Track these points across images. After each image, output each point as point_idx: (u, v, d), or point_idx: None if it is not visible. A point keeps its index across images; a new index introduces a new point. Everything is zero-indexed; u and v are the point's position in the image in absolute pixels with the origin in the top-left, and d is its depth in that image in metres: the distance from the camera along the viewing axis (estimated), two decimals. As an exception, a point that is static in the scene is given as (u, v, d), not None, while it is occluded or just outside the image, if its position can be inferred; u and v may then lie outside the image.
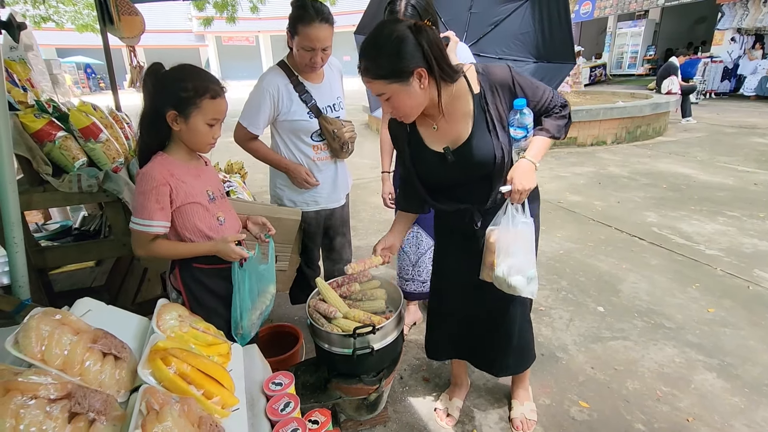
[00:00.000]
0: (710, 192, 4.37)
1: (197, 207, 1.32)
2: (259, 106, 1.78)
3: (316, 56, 1.72)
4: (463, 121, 1.26)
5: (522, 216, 1.26)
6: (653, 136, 7.20)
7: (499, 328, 1.53)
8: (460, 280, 1.52)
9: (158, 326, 1.07)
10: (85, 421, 0.73)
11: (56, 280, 2.24)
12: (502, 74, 1.25)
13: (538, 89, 1.29)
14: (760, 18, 11.07)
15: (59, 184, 1.80)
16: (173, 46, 27.65)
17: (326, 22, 1.66)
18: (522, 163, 1.24)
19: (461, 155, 1.27)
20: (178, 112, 1.23)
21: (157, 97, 1.25)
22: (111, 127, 2.13)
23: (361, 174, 5.62)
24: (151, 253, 1.29)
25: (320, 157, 1.91)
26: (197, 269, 1.37)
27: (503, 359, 1.59)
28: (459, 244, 1.48)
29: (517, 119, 1.24)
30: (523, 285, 1.26)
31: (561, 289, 2.71)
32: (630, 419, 1.72)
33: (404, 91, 1.15)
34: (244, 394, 1.06)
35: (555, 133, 1.28)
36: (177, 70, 1.26)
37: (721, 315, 2.38)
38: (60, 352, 0.83)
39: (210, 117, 1.26)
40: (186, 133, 1.27)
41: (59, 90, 3.44)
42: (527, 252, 1.27)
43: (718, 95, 11.74)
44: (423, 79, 1.14)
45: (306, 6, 1.63)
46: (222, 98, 1.28)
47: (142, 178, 1.24)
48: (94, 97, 13.38)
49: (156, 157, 1.29)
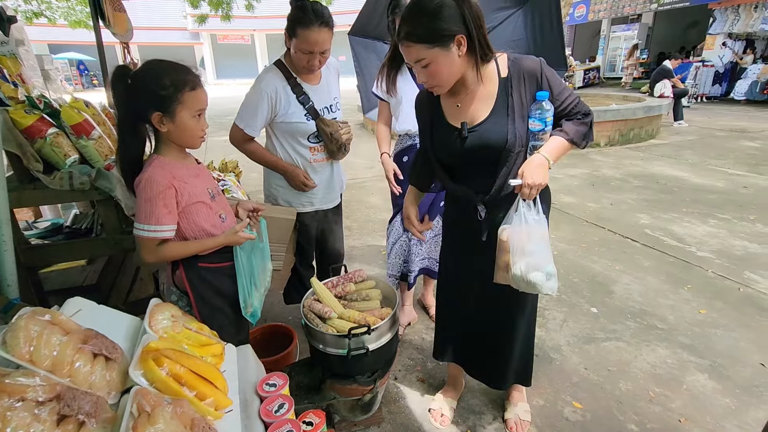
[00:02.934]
0: (701, 194, 4.42)
1: (201, 206, 1.31)
2: (257, 107, 1.75)
3: (314, 59, 1.70)
4: (485, 102, 1.27)
5: (534, 213, 1.23)
6: (646, 139, 7.27)
7: (503, 336, 1.53)
8: (467, 279, 1.52)
9: (150, 326, 1.06)
10: (74, 423, 0.72)
11: (47, 279, 2.21)
12: (532, 65, 1.26)
13: (564, 90, 1.28)
14: (750, 23, 11.23)
15: (50, 182, 1.77)
16: (168, 43, 27.38)
17: (326, 25, 1.63)
18: (535, 158, 1.23)
19: (475, 133, 1.28)
20: (163, 113, 1.19)
21: (134, 103, 1.20)
22: (104, 124, 2.10)
23: (356, 174, 5.62)
24: (162, 257, 1.27)
25: (317, 159, 1.90)
26: (204, 269, 1.36)
27: (503, 371, 1.59)
28: (465, 241, 1.48)
29: (537, 111, 1.23)
30: (542, 281, 1.23)
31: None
32: (623, 420, 1.73)
33: (444, 57, 1.14)
34: (237, 395, 1.05)
35: (573, 137, 1.27)
36: (147, 69, 1.21)
37: (712, 316, 2.40)
38: (49, 353, 0.81)
39: (195, 109, 1.23)
40: (175, 132, 1.24)
41: (51, 86, 3.39)
42: (543, 248, 1.24)
43: (709, 99, 11.89)
44: (462, 47, 1.15)
45: (305, 8, 1.60)
46: (201, 88, 1.24)
47: (146, 184, 1.20)
48: (87, 94, 13.22)
49: (153, 162, 1.25)
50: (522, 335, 1.54)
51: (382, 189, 4.89)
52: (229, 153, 4.38)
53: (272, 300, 2.60)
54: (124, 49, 3.91)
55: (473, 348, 1.62)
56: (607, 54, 17.22)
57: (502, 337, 1.53)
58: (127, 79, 1.20)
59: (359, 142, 7.81)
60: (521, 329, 1.52)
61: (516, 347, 1.54)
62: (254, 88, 1.77)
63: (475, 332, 1.59)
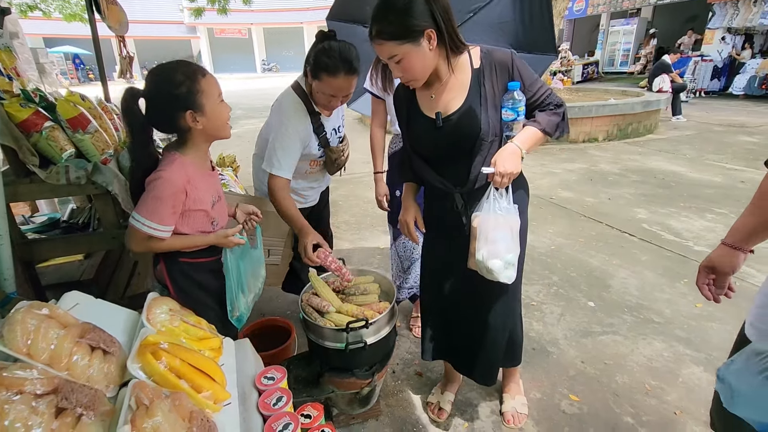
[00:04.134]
0: (699, 189, 4.43)
1: (200, 213, 1.31)
2: (294, 152, 1.66)
3: (336, 102, 1.64)
4: (459, 92, 1.29)
5: (505, 202, 1.25)
6: (644, 134, 7.27)
7: (484, 328, 1.51)
8: (447, 272, 1.52)
9: (148, 320, 1.06)
10: (72, 416, 0.72)
11: (44, 274, 2.20)
12: (503, 56, 1.28)
13: (536, 81, 1.30)
14: (750, 18, 11.20)
15: (46, 176, 1.76)
16: (164, 37, 27.08)
17: (354, 73, 1.55)
18: (507, 147, 1.25)
19: (450, 123, 1.30)
20: (193, 109, 1.19)
21: (159, 116, 1.21)
22: (100, 118, 2.09)
23: (353, 169, 5.58)
24: (149, 248, 1.27)
25: (312, 171, 1.88)
26: (185, 264, 1.36)
27: (488, 365, 1.57)
28: (445, 235, 1.48)
29: (509, 101, 1.25)
30: (500, 269, 1.25)
31: (552, 285, 2.73)
32: (619, 412, 1.75)
33: (415, 52, 1.17)
34: (236, 388, 1.05)
35: (546, 127, 1.29)
36: (156, 78, 1.20)
37: (708, 310, 2.42)
38: (46, 346, 0.81)
39: (216, 93, 1.23)
40: (209, 123, 1.23)
41: (46, 79, 3.36)
42: (508, 238, 1.26)
43: (707, 94, 11.87)
44: (432, 40, 1.17)
45: (332, 53, 1.51)
46: (209, 74, 1.24)
47: (162, 183, 1.19)
48: (83, 88, 13.11)
49: (174, 160, 1.23)
50: (503, 325, 1.51)
51: (380, 184, 4.88)
52: (227, 147, 4.36)
53: (270, 294, 2.60)
54: (120, 42, 3.87)
55: (457, 342, 1.61)
56: (606, 48, 17.15)
57: (483, 329, 1.51)
58: (140, 99, 1.19)
59: (356, 136, 7.78)
60: (501, 319, 1.50)
61: (498, 338, 1.52)
62: (287, 133, 1.64)
63: (457, 325, 1.58)
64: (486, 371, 1.58)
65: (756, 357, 0.82)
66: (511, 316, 1.55)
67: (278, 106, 1.73)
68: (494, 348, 1.53)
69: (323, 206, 2.16)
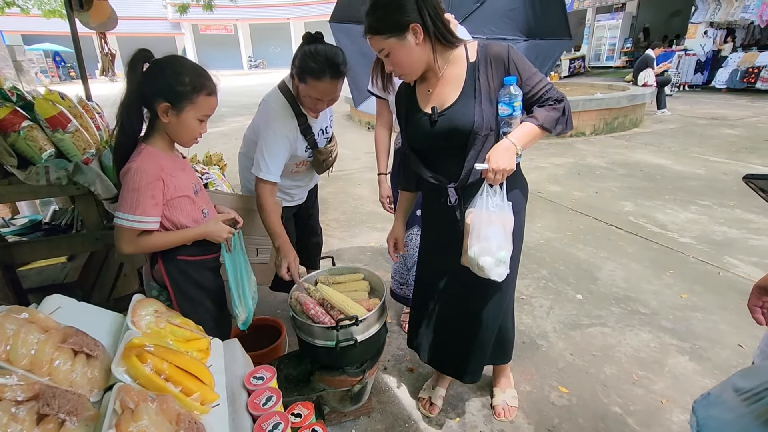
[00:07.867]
0: (683, 182, 4.50)
1: (185, 200, 1.29)
2: (281, 156, 1.64)
3: (322, 105, 1.62)
4: (454, 86, 1.29)
5: (498, 199, 1.24)
6: (630, 128, 7.36)
7: (473, 327, 1.50)
8: (441, 268, 1.52)
9: (133, 322, 1.04)
10: (55, 422, 0.70)
11: (26, 277, 2.15)
12: (499, 50, 1.27)
13: (534, 75, 1.27)
14: (731, 12, 11.39)
15: (26, 177, 1.72)
16: (147, 34, 26.62)
17: (339, 77, 1.53)
18: (502, 143, 1.23)
19: (445, 117, 1.29)
20: (171, 105, 1.19)
21: (148, 87, 1.20)
22: (81, 116, 2.04)
23: (343, 165, 5.57)
24: (141, 247, 1.25)
25: (298, 170, 1.87)
26: (183, 261, 1.34)
27: (473, 365, 1.57)
28: (440, 230, 1.48)
29: (505, 96, 1.23)
30: (491, 266, 1.24)
31: (541, 278, 2.75)
32: (607, 402, 1.78)
33: (400, 46, 1.19)
34: (224, 389, 1.04)
35: (544, 122, 1.25)
36: (172, 62, 1.22)
37: (693, 300, 2.47)
38: (27, 352, 0.79)
39: (202, 113, 1.25)
40: (174, 127, 1.24)
41: (24, 78, 3.27)
42: (500, 236, 1.24)
43: (691, 87, 12.07)
44: (418, 35, 1.19)
45: (318, 57, 1.49)
46: (215, 96, 1.26)
47: (135, 173, 1.18)
48: (65, 86, 12.82)
49: (141, 151, 1.23)
50: (493, 323, 1.51)
51: (369, 180, 4.88)
52: (213, 146, 4.31)
53: (260, 294, 2.58)
54: (101, 39, 3.79)
55: (444, 339, 1.60)
56: (591, 43, 17.31)
57: (471, 326, 1.51)
58: (146, 62, 1.20)
59: (346, 132, 7.77)
60: (492, 317, 1.49)
61: (487, 337, 1.52)
62: (275, 137, 1.62)
63: (445, 321, 1.57)
64: (473, 370, 1.58)
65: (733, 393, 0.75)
66: (501, 315, 1.55)
67: (265, 106, 1.71)
68: (481, 346, 1.54)
69: (312, 204, 2.15)
